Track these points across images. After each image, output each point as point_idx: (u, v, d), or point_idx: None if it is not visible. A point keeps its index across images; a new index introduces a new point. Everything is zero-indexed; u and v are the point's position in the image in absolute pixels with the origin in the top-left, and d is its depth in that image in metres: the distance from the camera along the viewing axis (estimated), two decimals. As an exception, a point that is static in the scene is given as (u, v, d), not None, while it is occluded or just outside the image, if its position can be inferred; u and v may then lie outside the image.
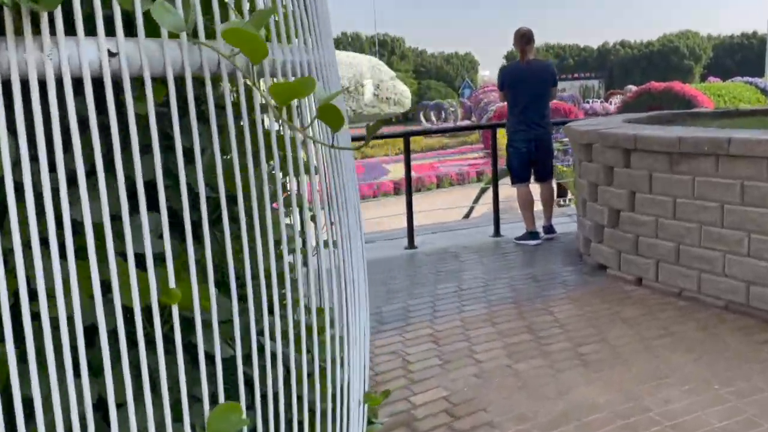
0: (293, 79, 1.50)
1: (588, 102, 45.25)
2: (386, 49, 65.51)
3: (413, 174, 27.49)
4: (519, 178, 5.67)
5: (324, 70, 1.75)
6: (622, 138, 4.33)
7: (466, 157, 34.70)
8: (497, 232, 6.12)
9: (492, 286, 4.62)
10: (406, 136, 5.81)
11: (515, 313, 4.07)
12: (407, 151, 5.82)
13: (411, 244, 5.83)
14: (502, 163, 6.25)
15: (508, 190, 6.17)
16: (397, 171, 30.57)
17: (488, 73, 64.62)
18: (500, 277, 4.81)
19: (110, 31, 0.93)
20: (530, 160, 5.64)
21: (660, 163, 4.12)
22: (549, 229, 5.79)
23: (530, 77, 5.50)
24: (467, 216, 21.22)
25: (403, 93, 40.43)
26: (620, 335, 3.62)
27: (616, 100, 40.97)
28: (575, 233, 5.58)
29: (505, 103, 5.74)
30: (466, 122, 49.49)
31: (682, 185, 4.01)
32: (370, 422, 1.93)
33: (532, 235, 5.66)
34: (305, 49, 1.59)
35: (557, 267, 5.00)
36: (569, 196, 17.73)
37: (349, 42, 63.88)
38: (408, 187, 5.83)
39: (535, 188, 5.87)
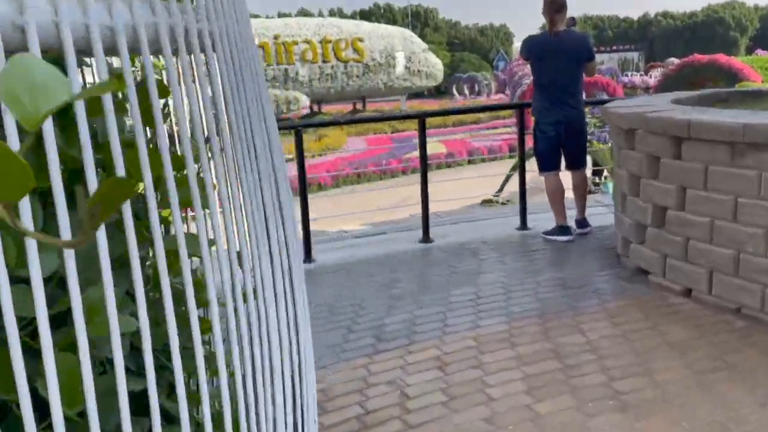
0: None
1: (627, 75, 43.56)
2: (419, 20, 63.95)
3: (443, 149, 26.64)
4: (547, 165, 4.97)
5: (229, 42, 1.13)
6: (672, 123, 3.60)
7: (498, 132, 33.69)
8: (524, 224, 5.44)
9: (514, 294, 3.97)
10: (421, 117, 5.15)
11: (539, 331, 3.42)
12: (422, 133, 5.16)
13: (426, 237, 5.20)
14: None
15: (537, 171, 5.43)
16: (428, 146, 29.77)
17: (523, 45, 62.69)
18: (524, 282, 4.16)
19: None
20: (559, 145, 4.93)
21: (719, 154, 3.40)
22: (582, 223, 5.10)
23: (559, 50, 4.76)
24: (499, 192, 20.48)
25: (435, 65, 39.33)
26: (667, 366, 2.95)
27: (657, 74, 39.27)
28: (612, 228, 4.89)
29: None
30: (500, 96, 48.20)
31: (746, 182, 3.29)
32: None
33: (562, 230, 4.98)
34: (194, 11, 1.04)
35: (590, 270, 4.32)
36: (605, 173, 16.82)
37: (381, 14, 62.49)
38: (423, 174, 5.18)
39: (565, 176, 5.17)
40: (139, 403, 0.93)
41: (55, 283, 0.88)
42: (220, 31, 1.12)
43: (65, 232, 0.77)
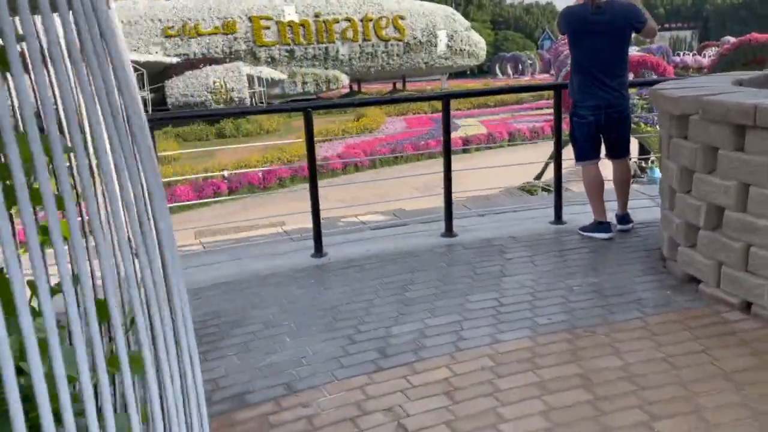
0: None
1: (678, 55, 41.71)
2: (463, -2, 62.46)
3: (484, 130, 25.88)
4: (584, 154, 4.41)
5: None
6: (734, 109, 3.03)
7: (541, 113, 32.64)
8: (558, 218, 4.90)
9: (541, 301, 3.47)
10: (445, 99, 4.64)
11: (568, 350, 2.93)
12: (446, 115, 4.65)
13: (449, 231, 4.72)
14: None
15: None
16: (468, 127, 28.99)
17: (570, 23, 60.67)
18: (553, 287, 3.65)
19: None
20: (599, 132, 4.36)
21: (791, 147, 2.82)
22: (623, 218, 4.53)
23: (601, 24, 4.17)
24: (539, 177, 19.73)
25: (478, 44, 38.29)
26: (721, 403, 2.44)
27: (711, 53, 37.42)
28: (658, 225, 4.32)
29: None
30: (544, 76, 46.83)
31: (825, 181, 2.72)
32: None
33: (600, 226, 4.43)
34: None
35: (631, 275, 3.78)
36: (652, 157, 15.96)
37: (424, -9, 61.11)
38: (446, 161, 4.68)
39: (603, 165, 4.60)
40: None
41: None
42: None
43: None
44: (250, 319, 3.46)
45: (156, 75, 26.95)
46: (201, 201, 12.21)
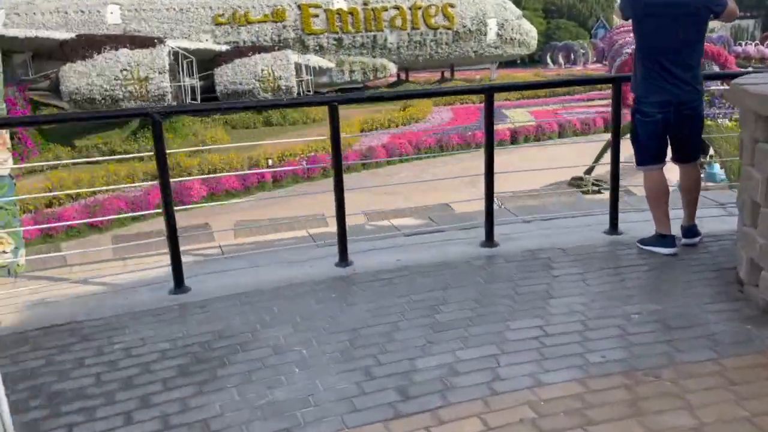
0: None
1: (740, 44, 39.58)
2: (515, -14, 60.72)
3: (532, 120, 24.74)
4: (647, 158, 3.82)
5: None
6: None
7: (593, 104, 31.40)
8: (614, 227, 4.32)
9: (594, 333, 2.94)
10: (488, 92, 4.10)
11: (626, 400, 2.41)
12: (489, 110, 4.12)
13: (489, 240, 4.20)
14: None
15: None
16: (517, 117, 28.08)
17: (626, 11, 58.17)
18: (608, 314, 3.11)
19: None
20: (666, 132, 3.77)
21: None
22: (690, 231, 3.93)
23: (672, 6, 3.57)
24: (589, 172, 18.84)
25: (529, 33, 37.12)
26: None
27: (776, 43, 35.41)
28: (731, 239, 3.72)
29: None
30: (597, 66, 45.21)
31: None
32: None
33: (663, 240, 3.85)
34: None
35: (701, 301, 3.20)
36: (710, 152, 14.97)
37: (476, -21, 59.63)
38: (488, 161, 4.15)
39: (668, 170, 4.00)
40: None
41: None
42: None
43: None
44: (258, 340, 3.04)
45: (205, 62, 26.95)
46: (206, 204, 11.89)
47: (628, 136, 4.02)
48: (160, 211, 3.67)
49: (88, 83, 22.15)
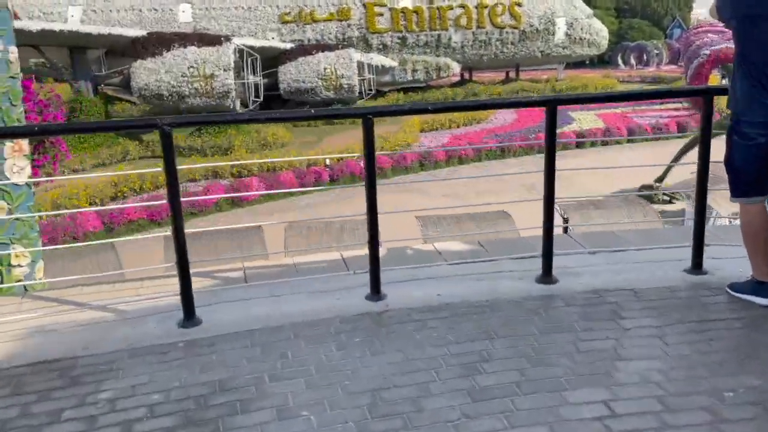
0: None
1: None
2: (587, -16, 58.50)
3: (601, 124, 23.44)
4: (746, 188, 3.10)
5: None
6: None
7: (666, 107, 29.71)
8: (698, 266, 3.61)
9: (675, 416, 2.30)
10: (551, 104, 3.48)
11: None
12: (552, 122, 3.50)
13: (547, 275, 3.58)
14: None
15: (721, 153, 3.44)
16: (583, 119, 26.82)
17: (704, 11, 55.18)
18: (691, 392, 2.46)
19: None
20: (772, 158, 3.05)
21: None
22: (797, 278, 3.19)
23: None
24: (660, 180, 17.60)
25: (599, 32, 35.54)
26: None
27: None
28: None
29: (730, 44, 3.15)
30: (671, 68, 43.01)
31: None
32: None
33: (762, 288, 3.13)
34: None
35: (817, 378, 2.50)
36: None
37: (545, -23, 57.75)
38: (548, 183, 3.53)
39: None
40: None
41: None
42: None
43: None
44: (263, 398, 2.54)
45: (269, 60, 26.96)
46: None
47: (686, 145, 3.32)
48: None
49: (156, 79, 22.44)
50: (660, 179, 17.84)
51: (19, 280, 3.93)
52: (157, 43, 22.65)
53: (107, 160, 21.42)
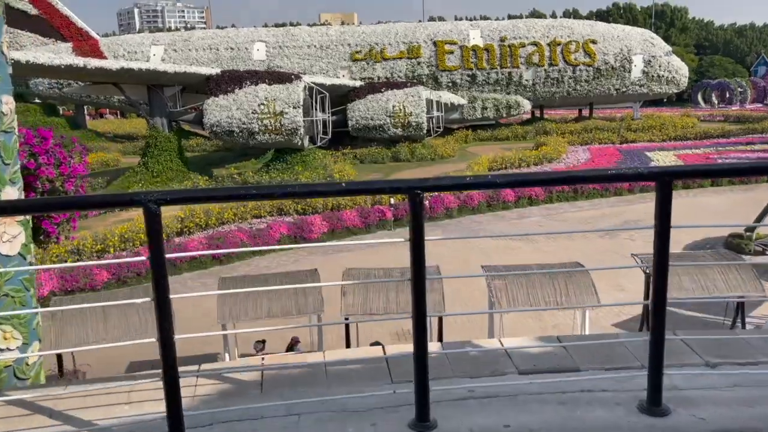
0: None
1: None
2: (663, 21, 56.39)
3: (679, 160, 21.50)
4: None
5: None
6: None
7: (752, 148, 27.54)
8: None
9: None
10: (663, 179, 2.56)
11: None
12: (664, 200, 2.58)
13: (654, 401, 2.61)
14: None
15: None
16: (662, 160, 25.10)
17: (791, 47, 51.77)
18: None
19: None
20: None
21: None
22: None
23: None
24: (751, 230, 15.80)
25: (678, 70, 33.74)
26: None
27: None
28: None
29: None
30: (756, 106, 40.43)
31: None
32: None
33: None
34: None
35: None
36: None
37: (620, 14, 56.20)
38: (660, 276, 2.60)
39: None
40: None
41: None
42: None
43: None
44: None
45: (339, 98, 26.80)
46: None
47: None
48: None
49: (228, 116, 22.56)
50: (750, 229, 16.06)
51: (8, 366, 3.29)
52: (229, 81, 22.83)
53: (177, 195, 21.55)
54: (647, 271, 9.24)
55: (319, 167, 23.26)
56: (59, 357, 8.26)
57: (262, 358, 3.55)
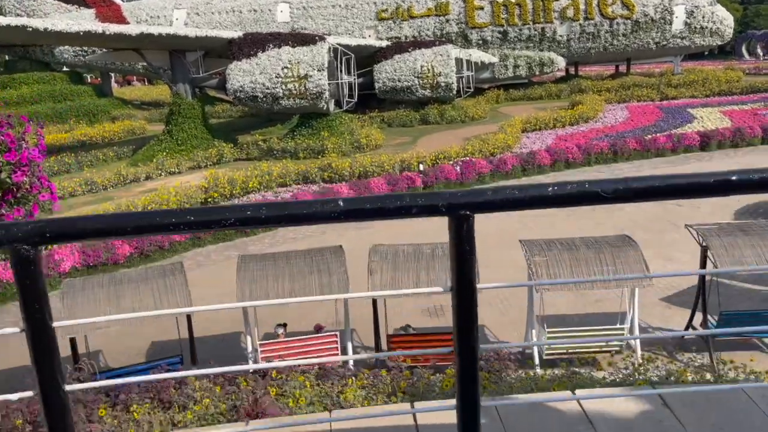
0: None
1: None
2: (705, -31, 53.01)
3: (728, 123, 20.22)
4: None
5: None
6: None
7: (805, 103, 25.61)
8: None
9: None
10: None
11: None
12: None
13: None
14: None
15: None
16: (707, 117, 23.50)
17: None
18: None
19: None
20: None
21: None
22: None
23: None
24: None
25: (723, 21, 31.56)
26: None
27: None
28: None
29: None
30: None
31: None
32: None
33: None
34: None
35: None
36: None
37: (659, -37, 52.87)
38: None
39: None
40: None
41: None
42: None
43: None
44: None
45: (365, 59, 25.67)
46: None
47: None
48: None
49: (251, 81, 21.72)
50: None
51: None
52: (252, 44, 21.90)
53: (202, 163, 20.95)
54: (704, 244, 8.34)
55: (345, 132, 22.38)
56: (72, 341, 7.75)
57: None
